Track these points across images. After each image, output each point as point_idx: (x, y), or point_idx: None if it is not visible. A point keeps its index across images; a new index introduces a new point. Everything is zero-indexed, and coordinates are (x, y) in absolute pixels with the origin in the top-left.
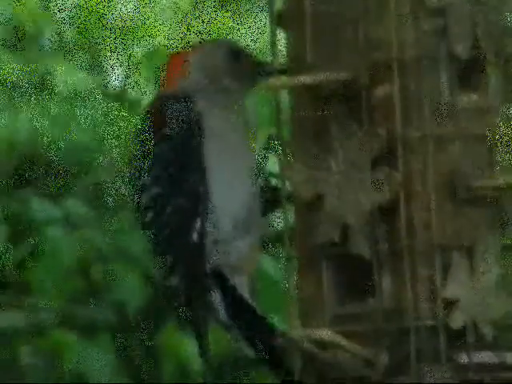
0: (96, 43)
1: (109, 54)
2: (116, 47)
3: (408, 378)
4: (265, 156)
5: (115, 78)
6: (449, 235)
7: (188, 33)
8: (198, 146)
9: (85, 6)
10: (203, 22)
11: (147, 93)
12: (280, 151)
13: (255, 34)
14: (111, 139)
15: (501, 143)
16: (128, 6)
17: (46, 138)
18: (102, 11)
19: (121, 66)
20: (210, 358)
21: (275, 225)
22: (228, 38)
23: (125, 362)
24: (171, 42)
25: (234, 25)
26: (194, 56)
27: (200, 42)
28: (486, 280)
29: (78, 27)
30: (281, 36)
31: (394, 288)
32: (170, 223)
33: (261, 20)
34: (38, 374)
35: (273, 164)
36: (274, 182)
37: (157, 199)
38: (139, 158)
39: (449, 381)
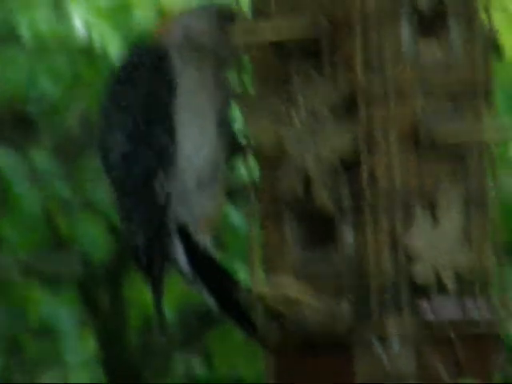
0: None
1: (73, 4)
2: None
3: (371, 331)
4: (228, 105)
5: (80, 27)
6: (411, 188)
7: None
8: (168, 101)
9: None
10: None
11: (112, 43)
12: (243, 105)
13: None
14: (78, 90)
15: (463, 95)
16: None
17: (12, 89)
18: None
19: (85, 17)
20: (164, 315)
21: (241, 177)
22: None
23: (90, 313)
24: None
25: None
26: (181, 16)
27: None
28: (449, 232)
29: None
30: None
31: (357, 241)
32: (135, 177)
33: None
34: (3, 327)
35: (236, 118)
36: (237, 136)
37: (126, 155)
38: (109, 108)
39: (412, 334)
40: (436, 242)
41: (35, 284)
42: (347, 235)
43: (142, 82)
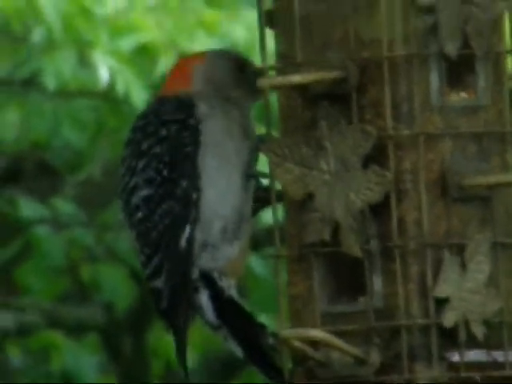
0: (84, 39)
1: (97, 50)
2: (104, 43)
3: (400, 376)
4: (255, 156)
5: (103, 74)
6: (440, 233)
7: (176, 29)
8: (194, 152)
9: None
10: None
11: (135, 89)
12: (269, 150)
13: (245, 31)
14: (101, 138)
15: (489, 138)
16: (117, 2)
17: (34, 137)
18: (90, 7)
19: (108, 63)
20: (186, 361)
21: (265, 223)
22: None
23: (112, 360)
24: (159, 38)
25: (223, 21)
26: (199, 63)
27: (205, 51)
28: (477, 278)
29: (66, 23)
30: (270, 35)
31: (386, 286)
32: (160, 226)
33: (250, 17)
34: (27, 375)
35: (263, 163)
36: (264, 181)
37: (148, 200)
38: (133, 158)
39: (440, 379)
40: (465, 289)
41: (58, 332)
42: (376, 282)
43: (167, 130)
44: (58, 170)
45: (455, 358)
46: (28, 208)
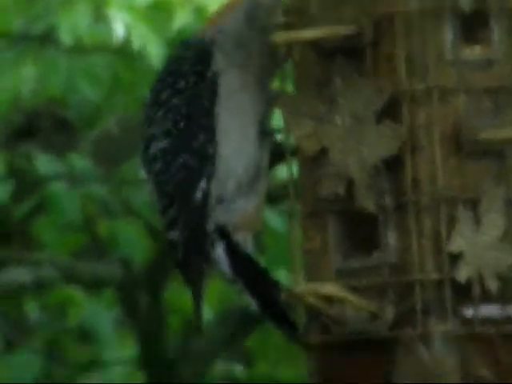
0: None
1: (112, 5)
2: None
3: (413, 330)
4: (270, 111)
5: (119, 30)
6: (454, 188)
7: None
8: (211, 105)
9: None
10: None
11: (151, 45)
12: (284, 106)
13: None
14: (116, 93)
15: (504, 92)
16: None
17: (50, 92)
18: None
19: (124, 18)
20: (201, 314)
21: (280, 179)
22: None
23: (129, 315)
24: None
25: None
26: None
27: None
28: (491, 233)
29: None
30: None
31: (400, 241)
32: (176, 178)
33: None
34: (44, 329)
35: (277, 118)
36: (278, 136)
37: (165, 152)
38: (152, 107)
39: (454, 334)
40: (479, 244)
41: (75, 287)
42: (390, 237)
43: (185, 82)
44: (74, 125)
45: (469, 312)
46: (44, 163)
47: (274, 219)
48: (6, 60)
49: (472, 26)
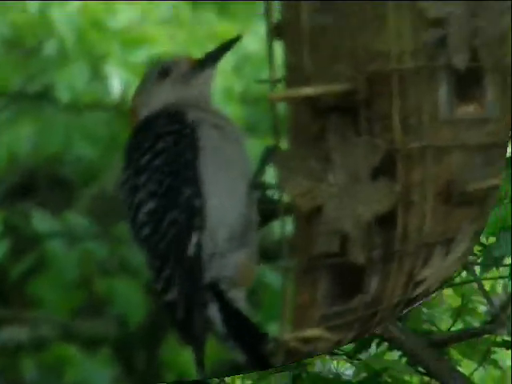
0: (97, 52)
1: (109, 62)
2: (117, 56)
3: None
4: (263, 167)
5: (116, 86)
6: (437, 234)
7: (188, 42)
8: (194, 158)
9: (86, 12)
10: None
11: None
12: (278, 163)
13: (257, 43)
14: (113, 151)
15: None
16: (129, 14)
17: (47, 150)
18: (102, 19)
19: (121, 75)
20: (205, 370)
21: (274, 236)
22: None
23: (126, 374)
24: (171, 50)
25: (234, 32)
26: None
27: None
28: (454, 256)
29: (79, 36)
30: (278, 46)
31: (379, 284)
32: (167, 237)
33: (263, 29)
34: None
35: (271, 175)
36: (271, 193)
37: (153, 213)
38: (134, 176)
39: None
40: (442, 267)
41: (72, 345)
42: (373, 282)
43: (164, 142)
44: (71, 183)
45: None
46: (41, 221)
47: (270, 275)
48: (3, 119)
49: (466, 84)
